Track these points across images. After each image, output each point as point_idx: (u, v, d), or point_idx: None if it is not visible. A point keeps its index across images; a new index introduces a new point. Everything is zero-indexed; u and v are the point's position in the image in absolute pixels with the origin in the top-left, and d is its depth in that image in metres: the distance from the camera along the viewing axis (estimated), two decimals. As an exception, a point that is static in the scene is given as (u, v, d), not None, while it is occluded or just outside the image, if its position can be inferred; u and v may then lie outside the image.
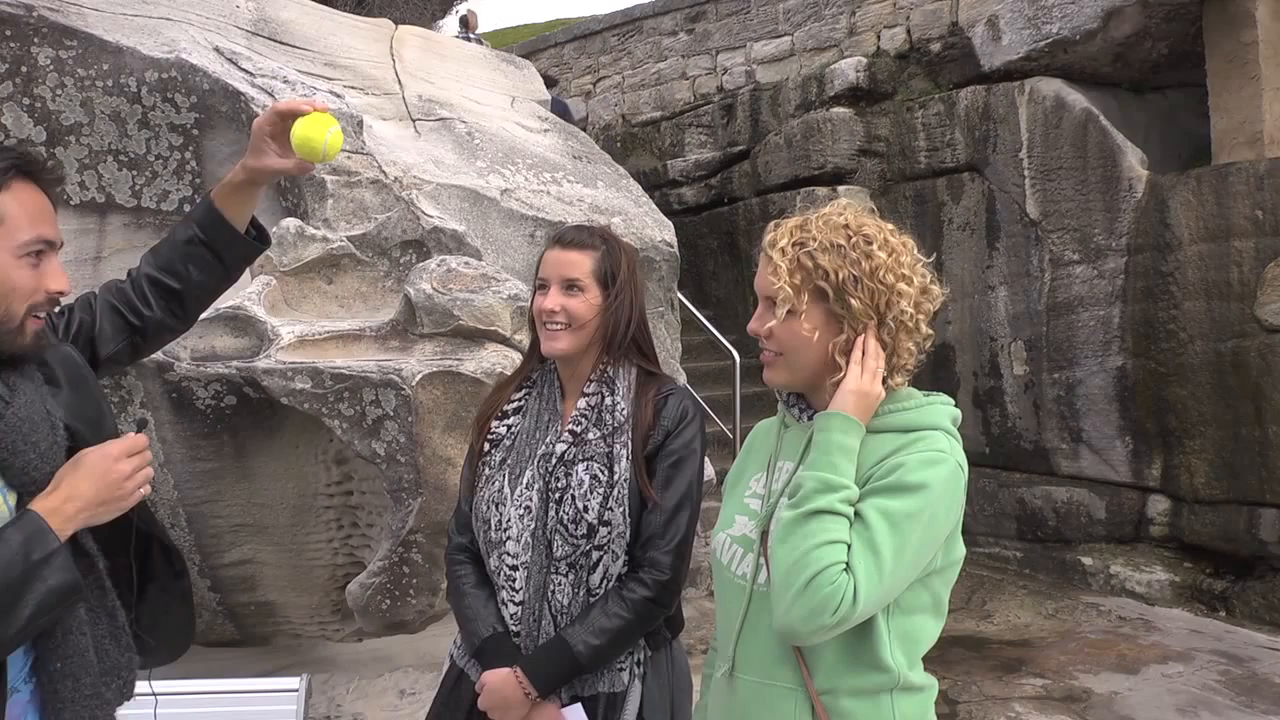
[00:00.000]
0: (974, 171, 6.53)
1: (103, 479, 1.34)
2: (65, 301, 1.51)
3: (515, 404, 1.90)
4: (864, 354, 1.42)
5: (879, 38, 7.50)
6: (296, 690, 2.60)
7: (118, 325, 1.64)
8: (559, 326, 1.81)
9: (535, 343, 1.91)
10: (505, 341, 2.64)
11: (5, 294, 1.34)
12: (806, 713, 1.42)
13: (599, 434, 1.81)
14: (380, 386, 2.49)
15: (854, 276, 1.41)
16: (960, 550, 1.47)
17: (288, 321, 2.64)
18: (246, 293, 2.58)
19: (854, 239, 1.43)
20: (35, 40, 2.62)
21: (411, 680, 3.13)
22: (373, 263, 2.82)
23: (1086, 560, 5.83)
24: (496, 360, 2.57)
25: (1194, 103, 6.10)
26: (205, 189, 2.79)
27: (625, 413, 1.82)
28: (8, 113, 2.62)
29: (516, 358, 2.61)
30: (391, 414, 2.49)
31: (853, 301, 1.41)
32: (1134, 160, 5.76)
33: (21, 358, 1.40)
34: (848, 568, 1.31)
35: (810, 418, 1.50)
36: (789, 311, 1.44)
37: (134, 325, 1.66)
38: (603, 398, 1.84)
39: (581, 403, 1.84)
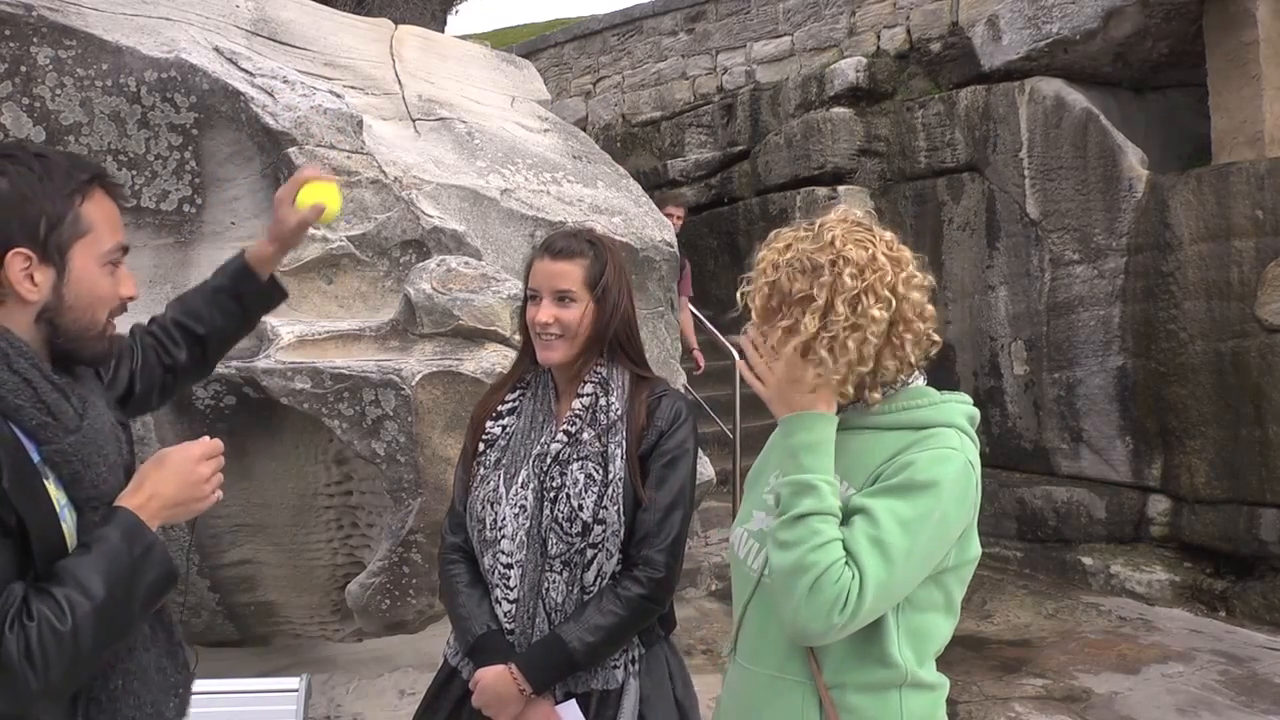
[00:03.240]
0: (974, 171, 6.53)
1: (184, 479, 1.37)
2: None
3: (510, 404, 1.92)
4: (749, 363, 1.46)
5: (879, 38, 7.50)
6: (296, 690, 2.59)
7: (151, 364, 1.72)
8: (553, 337, 1.83)
9: (527, 345, 1.92)
10: (505, 341, 2.64)
11: (94, 302, 1.38)
12: (814, 707, 1.42)
13: (593, 434, 1.82)
14: (380, 386, 2.48)
15: (824, 301, 1.41)
16: (975, 549, 1.47)
17: (287, 321, 2.64)
18: (246, 293, 2.57)
19: (835, 261, 1.42)
20: (35, 40, 2.62)
21: (411, 680, 3.13)
22: (373, 263, 2.81)
23: (1086, 560, 5.83)
24: (496, 360, 2.57)
25: (1194, 103, 6.10)
26: (205, 188, 2.79)
27: (619, 412, 1.83)
28: (7, 112, 2.62)
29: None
30: (391, 414, 2.49)
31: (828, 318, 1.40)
32: (1134, 160, 5.76)
33: (96, 363, 1.45)
34: (849, 563, 1.31)
35: None
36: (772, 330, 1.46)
37: (166, 365, 1.74)
38: (597, 398, 1.85)
39: (576, 403, 1.85)
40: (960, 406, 1.48)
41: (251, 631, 3.08)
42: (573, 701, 1.77)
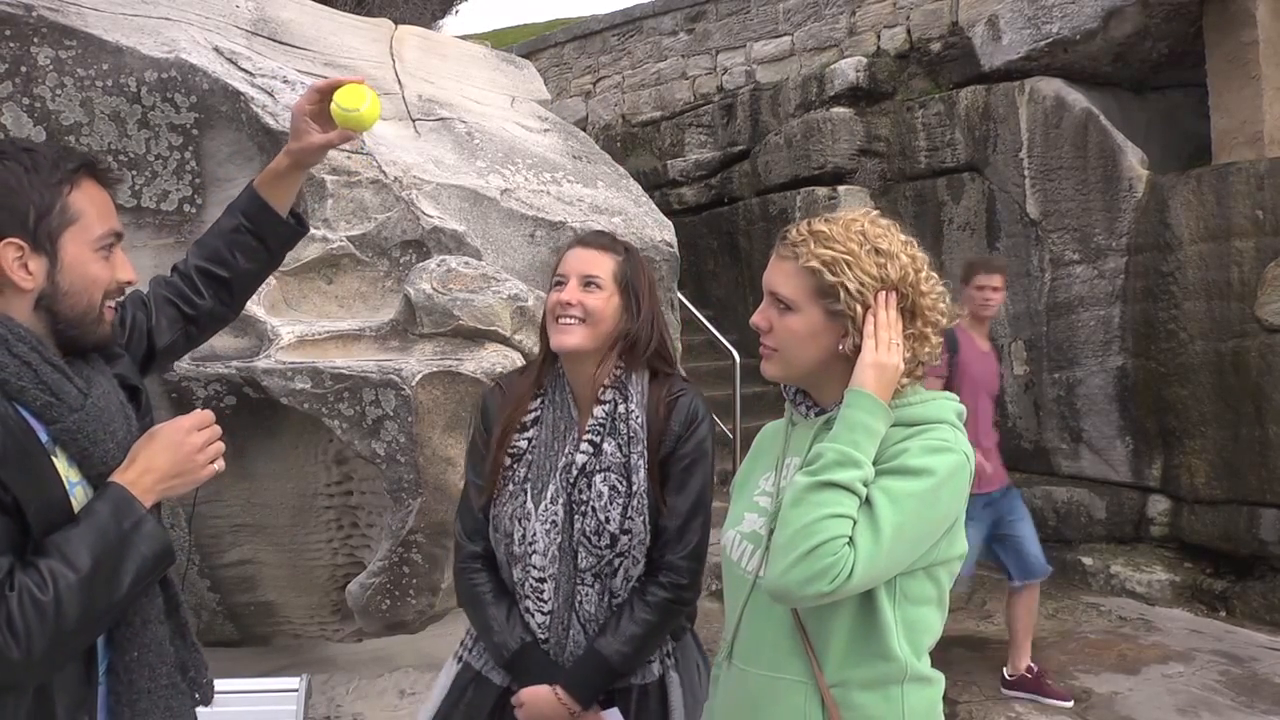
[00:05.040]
0: (974, 171, 6.53)
1: (176, 451, 1.38)
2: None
3: (533, 414, 1.90)
4: (877, 326, 1.42)
5: (879, 37, 7.50)
6: (296, 690, 2.59)
7: (172, 317, 1.71)
8: (573, 320, 1.81)
9: (546, 351, 1.91)
10: (505, 341, 2.64)
11: (87, 286, 1.40)
12: (816, 706, 1.43)
13: (615, 444, 1.82)
14: (380, 386, 2.48)
15: (861, 280, 1.43)
16: (963, 545, 1.48)
17: (287, 321, 2.64)
18: (246, 293, 2.58)
19: (866, 245, 1.45)
20: (35, 40, 2.62)
21: (411, 680, 3.13)
22: (373, 263, 2.81)
23: (1087, 560, 5.83)
24: (496, 360, 2.57)
25: (1194, 103, 6.10)
26: (205, 189, 2.79)
27: (640, 421, 1.83)
28: (7, 113, 2.62)
29: (516, 358, 2.61)
30: (391, 414, 2.49)
31: (857, 306, 1.43)
32: (1134, 160, 5.76)
33: (98, 348, 1.45)
34: (850, 542, 1.32)
35: (818, 414, 1.52)
36: (789, 308, 1.47)
37: (188, 315, 1.73)
38: (616, 405, 1.84)
39: (598, 411, 1.85)
40: (949, 403, 1.49)
41: (251, 631, 3.08)
42: (615, 709, 1.81)
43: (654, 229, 3.28)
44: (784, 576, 1.33)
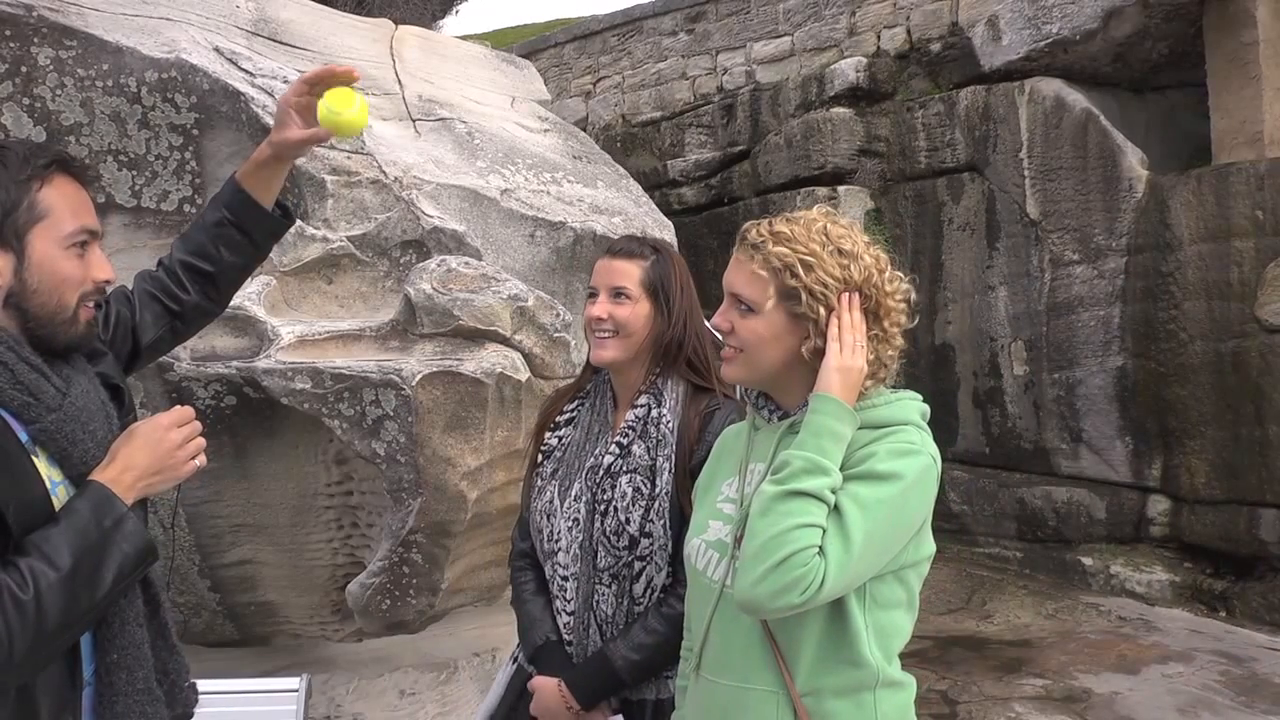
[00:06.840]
0: (974, 171, 6.53)
1: (156, 448, 1.37)
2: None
3: (568, 415, 1.94)
4: (841, 329, 1.41)
5: (879, 38, 7.50)
6: (296, 690, 2.59)
7: (157, 313, 1.69)
8: (606, 334, 1.84)
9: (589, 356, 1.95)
10: (505, 341, 2.64)
11: (57, 285, 1.37)
12: (789, 716, 1.41)
13: (644, 447, 1.83)
14: (380, 386, 2.48)
15: (824, 281, 1.42)
16: (931, 546, 1.47)
17: (288, 321, 2.64)
18: (246, 293, 2.57)
19: (829, 246, 1.43)
20: (35, 40, 2.62)
21: (411, 680, 3.13)
22: (373, 263, 2.82)
23: (1087, 560, 5.83)
24: (497, 360, 2.57)
25: (1194, 103, 6.11)
26: (205, 189, 2.79)
27: (670, 426, 1.84)
28: (8, 113, 2.62)
29: (516, 358, 2.62)
30: (391, 414, 2.49)
31: (820, 309, 1.42)
32: (1134, 160, 5.76)
33: (72, 349, 1.43)
34: (821, 551, 1.31)
35: (781, 418, 1.51)
36: (751, 310, 1.45)
37: (173, 311, 1.70)
38: (649, 409, 1.86)
39: (630, 414, 1.87)
40: (912, 403, 1.49)
41: (251, 631, 3.08)
42: (619, 717, 1.81)
43: (654, 229, 3.28)
44: (754, 589, 1.31)
